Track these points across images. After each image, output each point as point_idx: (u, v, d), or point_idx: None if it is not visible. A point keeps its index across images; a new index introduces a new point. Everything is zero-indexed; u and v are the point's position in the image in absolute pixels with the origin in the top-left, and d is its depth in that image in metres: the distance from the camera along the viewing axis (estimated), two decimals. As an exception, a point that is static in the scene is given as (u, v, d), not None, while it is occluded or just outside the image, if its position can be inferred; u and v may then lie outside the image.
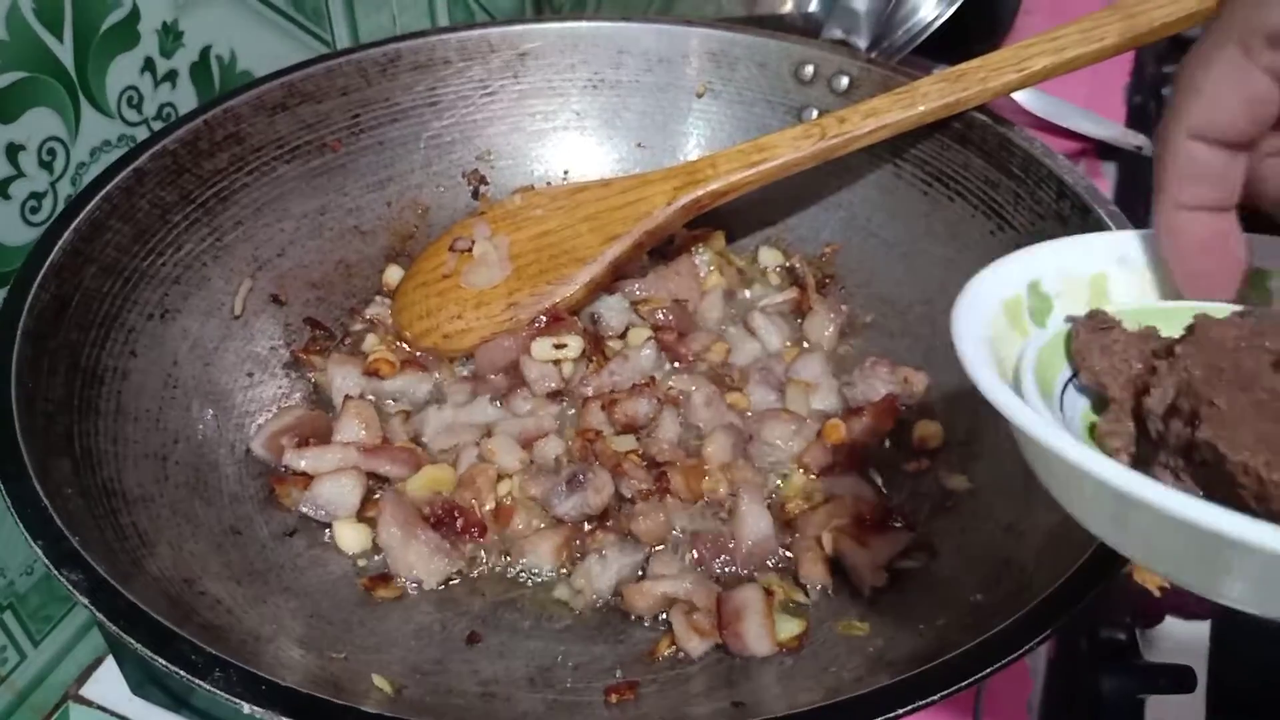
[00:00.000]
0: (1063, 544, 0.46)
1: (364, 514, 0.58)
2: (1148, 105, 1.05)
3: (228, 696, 0.37)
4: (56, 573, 0.41)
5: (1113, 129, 0.94)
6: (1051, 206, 0.61)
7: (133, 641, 0.39)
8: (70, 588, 0.41)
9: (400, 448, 0.60)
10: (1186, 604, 0.84)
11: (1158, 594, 0.85)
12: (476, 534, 0.56)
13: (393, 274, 0.71)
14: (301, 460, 0.58)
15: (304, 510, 0.57)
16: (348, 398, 0.62)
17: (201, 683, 0.37)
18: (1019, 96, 0.88)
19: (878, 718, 0.37)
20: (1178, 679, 0.63)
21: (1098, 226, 0.58)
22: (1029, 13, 1.06)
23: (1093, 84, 1.04)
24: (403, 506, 0.56)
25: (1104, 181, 0.94)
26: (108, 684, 0.69)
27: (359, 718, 0.37)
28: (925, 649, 0.43)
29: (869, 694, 0.38)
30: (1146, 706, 0.69)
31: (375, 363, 0.64)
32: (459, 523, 0.56)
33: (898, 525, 0.55)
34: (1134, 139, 0.93)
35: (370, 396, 0.64)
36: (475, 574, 0.56)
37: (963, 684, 0.38)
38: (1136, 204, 0.96)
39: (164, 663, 0.38)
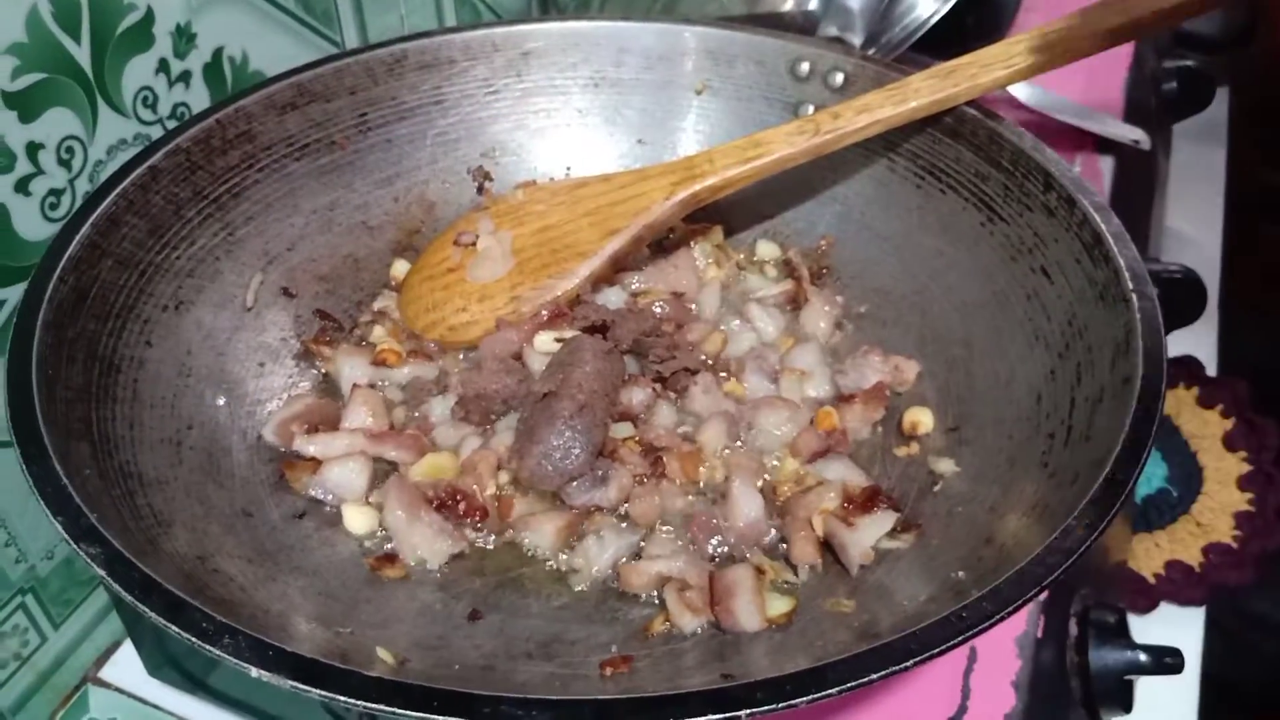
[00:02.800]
0: (1039, 522, 0.48)
1: (371, 497, 0.60)
2: (1146, 99, 1.06)
3: (236, 661, 0.39)
4: (76, 547, 0.43)
5: (1108, 123, 0.95)
6: (1039, 198, 0.63)
7: (148, 611, 0.41)
8: (89, 561, 0.42)
9: (406, 434, 0.62)
10: (1180, 590, 0.85)
11: (1152, 580, 0.86)
12: (478, 517, 0.58)
13: (400, 267, 0.73)
14: (311, 446, 0.61)
15: (313, 493, 0.59)
16: (355, 386, 0.64)
17: (212, 648, 0.39)
18: (1016, 91, 0.89)
19: (853, 681, 0.38)
20: (1165, 660, 0.64)
21: (1084, 218, 0.60)
22: (1029, 10, 1.07)
23: (1090, 78, 1.05)
24: (407, 490, 0.58)
25: (1101, 176, 0.95)
26: (125, 666, 0.71)
27: (361, 681, 0.39)
28: (907, 623, 0.44)
29: (845, 659, 0.40)
30: (1137, 692, 0.70)
31: (382, 353, 0.66)
32: (461, 506, 0.58)
33: (885, 507, 0.56)
34: (1130, 133, 0.94)
35: (377, 385, 0.66)
36: (477, 555, 0.58)
37: (934, 652, 0.40)
38: (1133, 197, 0.97)
39: (177, 630, 0.40)
